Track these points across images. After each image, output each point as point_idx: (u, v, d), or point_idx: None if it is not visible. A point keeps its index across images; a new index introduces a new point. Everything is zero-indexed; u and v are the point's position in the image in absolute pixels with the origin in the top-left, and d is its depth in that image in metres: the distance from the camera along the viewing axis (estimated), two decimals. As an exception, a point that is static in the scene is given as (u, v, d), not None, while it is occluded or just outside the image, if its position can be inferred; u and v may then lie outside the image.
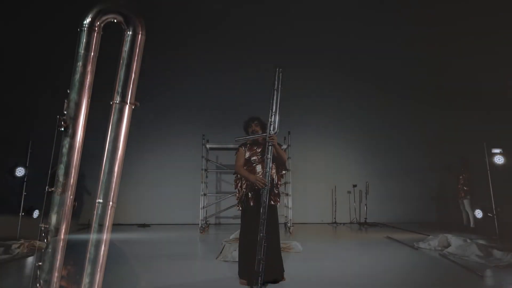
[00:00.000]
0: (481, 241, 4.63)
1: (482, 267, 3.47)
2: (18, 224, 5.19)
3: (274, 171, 2.97)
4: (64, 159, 1.73)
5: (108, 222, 1.78)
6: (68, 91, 1.78)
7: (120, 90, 1.87)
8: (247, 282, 2.76)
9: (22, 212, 5.27)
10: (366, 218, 7.94)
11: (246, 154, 3.01)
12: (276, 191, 2.99)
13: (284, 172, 3.20)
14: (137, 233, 6.44)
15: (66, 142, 1.73)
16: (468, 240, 4.28)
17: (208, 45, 8.84)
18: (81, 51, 1.81)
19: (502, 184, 6.30)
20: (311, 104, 8.78)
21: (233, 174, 3.14)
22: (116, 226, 7.41)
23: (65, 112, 1.76)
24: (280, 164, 3.05)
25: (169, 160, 8.24)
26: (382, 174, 8.57)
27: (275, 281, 2.83)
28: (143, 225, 7.56)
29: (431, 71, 9.13)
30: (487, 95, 8.64)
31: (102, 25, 1.88)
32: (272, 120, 2.87)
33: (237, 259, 2.97)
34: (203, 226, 6.49)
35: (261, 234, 2.62)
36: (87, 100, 1.80)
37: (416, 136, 8.85)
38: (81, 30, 1.83)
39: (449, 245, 4.34)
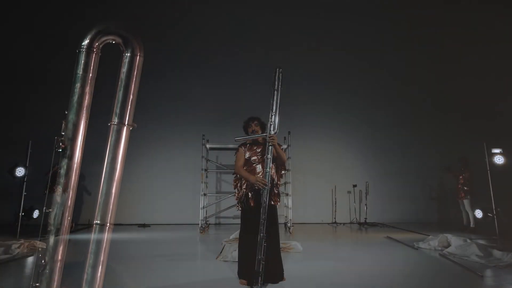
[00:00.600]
0: (481, 241, 4.63)
1: (482, 267, 3.47)
2: (18, 224, 5.19)
3: (274, 171, 2.97)
4: (62, 180, 1.72)
5: (105, 243, 1.77)
6: (66, 112, 1.78)
7: (118, 111, 1.87)
8: (247, 282, 2.76)
9: (22, 212, 5.27)
10: (366, 218, 7.94)
11: (246, 154, 3.01)
12: (276, 191, 2.99)
13: (283, 172, 3.20)
14: (137, 233, 6.44)
15: (64, 163, 1.73)
16: (468, 240, 4.27)
17: (208, 45, 8.84)
18: (80, 72, 1.80)
19: (502, 184, 6.30)
20: (311, 104, 8.78)
21: (233, 174, 3.14)
22: (116, 226, 7.41)
23: (63, 133, 1.76)
24: (280, 164, 3.05)
25: (169, 160, 8.24)
26: (382, 174, 8.58)
27: (275, 281, 2.83)
28: (143, 225, 7.56)
29: (432, 71, 9.13)
30: (487, 95, 8.64)
31: (100, 46, 1.88)
32: (272, 120, 2.87)
33: (237, 259, 2.97)
34: (203, 226, 6.49)
35: (261, 234, 2.62)
36: (85, 121, 1.80)
37: (416, 136, 8.85)
38: (80, 51, 1.83)
39: (449, 245, 4.34)
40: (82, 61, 1.82)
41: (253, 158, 2.99)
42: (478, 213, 6.08)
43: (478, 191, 6.49)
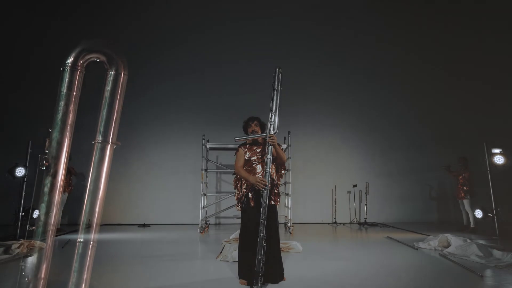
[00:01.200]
0: (481, 241, 4.63)
1: (482, 267, 3.47)
2: (18, 224, 5.19)
3: (273, 171, 2.97)
4: (46, 198, 1.71)
5: (89, 261, 1.76)
6: (50, 130, 1.77)
7: (102, 129, 1.87)
8: (247, 282, 2.76)
9: (22, 212, 5.27)
10: (366, 218, 7.94)
11: (246, 154, 3.01)
12: (276, 191, 2.99)
13: (283, 172, 3.20)
14: (137, 233, 6.44)
15: (47, 181, 1.72)
16: (468, 240, 4.27)
17: (208, 45, 8.85)
18: (64, 90, 1.80)
19: (502, 184, 6.30)
20: (311, 104, 8.79)
21: (233, 175, 3.14)
22: (116, 226, 7.42)
23: (47, 151, 1.75)
24: (280, 164, 3.06)
25: (169, 160, 8.25)
26: (382, 174, 8.58)
27: (275, 281, 2.83)
28: (143, 225, 7.56)
29: (432, 71, 9.14)
30: (487, 95, 8.65)
31: (85, 64, 1.88)
32: (272, 120, 2.87)
33: (237, 259, 2.97)
34: (203, 226, 6.49)
35: (261, 234, 2.62)
36: (69, 139, 1.79)
37: (416, 136, 8.86)
38: (64, 69, 1.82)
39: (449, 245, 4.34)
40: (66, 79, 1.81)
41: (253, 158, 2.99)
42: (478, 213, 6.08)
43: (478, 191, 6.49)
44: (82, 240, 1.73)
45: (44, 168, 1.71)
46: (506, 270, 3.32)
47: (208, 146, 7.13)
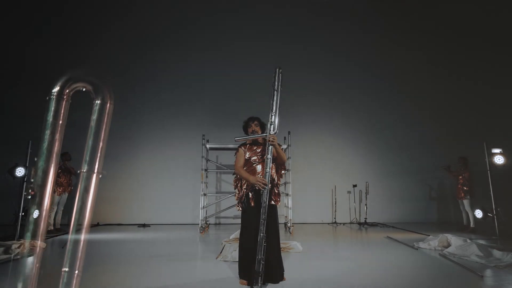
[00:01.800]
0: (481, 241, 4.63)
1: (482, 267, 3.47)
2: (18, 224, 5.19)
3: (273, 171, 2.97)
4: (31, 227, 1.72)
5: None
6: (36, 159, 1.79)
7: (87, 159, 1.87)
8: (247, 283, 2.76)
9: (22, 212, 5.27)
10: (366, 218, 7.94)
11: (246, 154, 3.01)
12: (277, 191, 2.99)
13: (283, 172, 3.20)
14: (137, 233, 6.44)
15: (33, 209, 1.73)
16: (468, 240, 4.27)
17: (208, 45, 8.85)
18: (50, 119, 1.81)
19: (502, 184, 6.30)
20: (311, 104, 8.79)
21: (233, 175, 3.14)
22: (116, 226, 7.42)
23: (32, 180, 1.76)
24: (280, 164, 3.06)
25: (169, 160, 8.25)
26: (382, 174, 8.58)
27: (275, 281, 2.83)
28: (143, 225, 7.56)
29: (432, 71, 9.14)
30: (487, 95, 8.64)
31: (71, 93, 1.89)
32: (272, 120, 2.87)
33: (237, 259, 2.97)
34: (203, 226, 6.49)
35: (261, 234, 2.62)
36: (55, 168, 1.80)
37: (416, 136, 8.86)
38: (50, 98, 1.83)
39: (449, 245, 4.34)
40: (53, 108, 1.82)
41: (253, 158, 2.99)
42: (478, 213, 6.08)
43: (478, 191, 6.49)
44: (66, 269, 1.73)
45: (30, 197, 1.73)
46: (506, 270, 3.32)
47: (208, 146, 7.13)
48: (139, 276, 3.17)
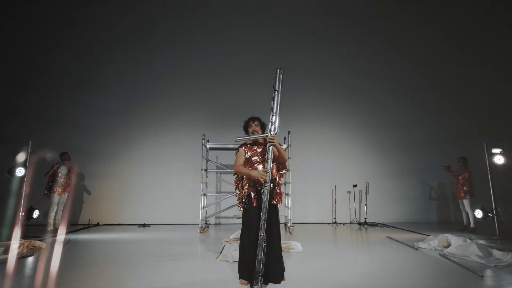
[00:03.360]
0: (481, 241, 4.63)
1: (482, 267, 3.47)
2: (18, 224, 5.18)
3: (274, 170, 2.97)
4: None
5: None
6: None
7: None
8: (248, 283, 2.75)
9: (22, 212, 5.27)
10: (366, 218, 7.94)
11: (247, 154, 3.00)
12: (278, 190, 2.99)
13: (284, 171, 3.19)
14: (137, 233, 6.44)
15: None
16: (468, 240, 4.27)
17: (208, 45, 8.84)
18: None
19: (502, 184, 6.30)
20: (311, 104, 8.79)
21: (234, 175, 3.13)
22: (116, 226, 7.42)
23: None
24: (281, 163, 3.05)
25: (169, 160, 8.25)
26: (382, 174, 8.58)
27: (276, 282, 2.83)
28: (143, 225, 7.56)
29: (432, 71, 9.14)
30: (487, 95, 8.65)
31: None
32: (273, 120, 2.87)
33: (237, 259, 2.97)
34: (203, 226, 6.48)
35: (262, 234, 2.62)
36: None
37: (416, 136, 8.86)
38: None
39: (449, 245, 4.34)
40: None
41: (254, 158, 2.98)
42: (478, 213, 6.08)
43: (478, 191, 6.50)
44: None
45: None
46: (506, 270, 3.32)
47: (208, 146, 7.12)
48: (139, 276, 3.17)
